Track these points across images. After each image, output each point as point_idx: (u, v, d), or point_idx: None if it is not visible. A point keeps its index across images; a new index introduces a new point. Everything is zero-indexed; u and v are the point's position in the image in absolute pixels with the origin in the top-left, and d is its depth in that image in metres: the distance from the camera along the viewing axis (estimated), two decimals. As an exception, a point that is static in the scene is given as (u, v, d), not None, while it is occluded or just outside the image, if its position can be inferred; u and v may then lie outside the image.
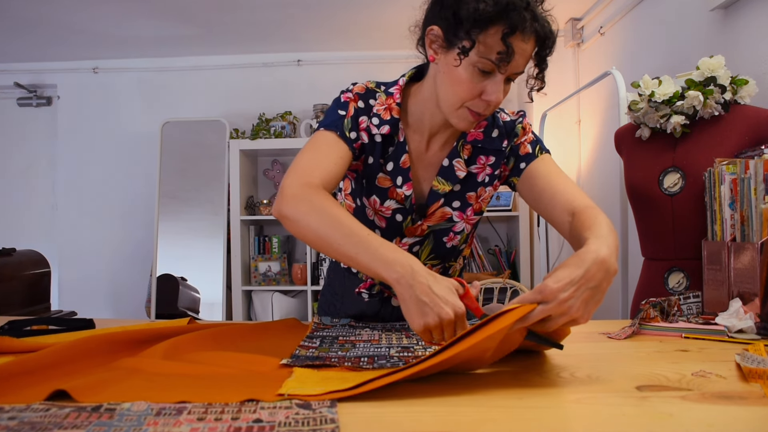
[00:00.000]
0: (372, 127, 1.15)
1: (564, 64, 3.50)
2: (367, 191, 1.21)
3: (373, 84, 1.19)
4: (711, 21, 2.03)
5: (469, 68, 0.99)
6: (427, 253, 1.25)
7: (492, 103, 1.02)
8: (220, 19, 3.25)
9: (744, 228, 1.23)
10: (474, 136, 1.18)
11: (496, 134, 1.19)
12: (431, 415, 0.65)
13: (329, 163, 1.07)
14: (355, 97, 1.16)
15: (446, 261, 1.29)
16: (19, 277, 2.70)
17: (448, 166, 1.18)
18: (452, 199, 1.20)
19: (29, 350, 0.93)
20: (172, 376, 0.79)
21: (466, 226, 1.24)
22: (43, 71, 4.05)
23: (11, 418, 0.61)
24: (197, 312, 3.60)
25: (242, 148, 3.64)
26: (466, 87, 1.01)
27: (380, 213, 1.21)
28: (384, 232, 1.23)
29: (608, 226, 0.96)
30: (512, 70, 1.00)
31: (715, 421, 0.63)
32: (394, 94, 1.16)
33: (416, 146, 1.19)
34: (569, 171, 3.46)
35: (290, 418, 0.62)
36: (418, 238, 1.22)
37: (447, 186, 1.19)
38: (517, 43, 0.97)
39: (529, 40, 0.98)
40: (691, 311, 1.26)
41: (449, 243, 1.24)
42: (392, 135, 1.17)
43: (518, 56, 0.98)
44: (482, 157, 1.20)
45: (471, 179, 1.20)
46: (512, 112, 1.24)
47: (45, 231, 4.11)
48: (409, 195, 1.18)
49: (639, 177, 1.65)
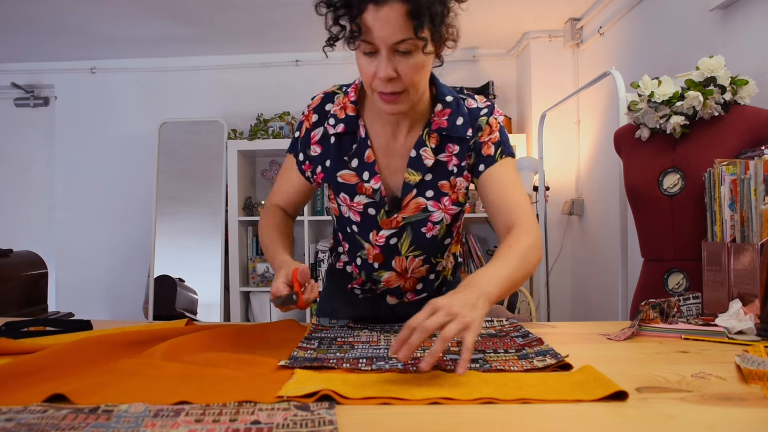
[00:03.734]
0: (329, 128, 1.22)
1: (563, 64, 3.50)
2: (335, 190, 1.25)
3: (336, 87, 1.25)
4: (711, 21, 2.03)
5: (360, 54, 1.03)
6: (407, 245, 1.25)
7: (382, 78, 1.02)
8: (218, 19, 3.24)
9: (744, 229, 1.23)
10: (438, 125, 1.18)
11: (461, 122, 1.19)
12: (430, 416, 0.65)
13: (288, 186, 1.31)
14: (309, 114, 1.24)
15: (431, 254, 1.28)
16: (16, 279, 2.69)
17: (415, 156, 1.18)
18: (425, 189, 1.20)
19: (26, 351, 0.92)
20: (170, 378, 0.79)
21: (444, 216, 1.23)
22: (40, 71, 4.05)
23: (8, 419, 0.61)
24: (195, 313, 3.59)
25: (240, 148, 3.64)
26: (363, 71, 1.05)
27: (353, 208, 1.24)
28: (360, 225, 1.25)
29: (523, 250, 1.03)
30: (387, 41, 0.98)
31: (715, 422, 0.63)
32: (349, 93, 1.21)
33: (383, 139, 1.21)
34: (569, 171, 3.47)
35: (288, 419, 0.62)
36: (394, 230, 1.23)
37: (417, 176, 1.19)
38: (372, 14, 0.97)
39: (384, 5, 0.96)
40: (690, 312, 1.26)
41: (428, 233, 1.24)
42: (352, 132, 1.20)
43: (381, 26, 0.97)
44: (450, 146, 1.19)
45: (441, 168, 1.20)
46: (481, 99, 1.23)
47: (42, 232, 4.10)
48: (377, 188, 1.20)
49: (638, 178, 1.65)
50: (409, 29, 0.97)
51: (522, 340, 1.04)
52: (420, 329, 0.80)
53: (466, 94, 1.23)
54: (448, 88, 1.22)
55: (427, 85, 1.13)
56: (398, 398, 0.70)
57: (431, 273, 1.31)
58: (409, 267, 1.28)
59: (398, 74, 1.02)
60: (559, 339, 1.10)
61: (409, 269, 1.28)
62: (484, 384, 0.75)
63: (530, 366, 0.86)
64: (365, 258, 1.28)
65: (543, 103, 3.37)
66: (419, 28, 0.97)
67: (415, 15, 0.96)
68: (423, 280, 1.31)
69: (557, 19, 3.35)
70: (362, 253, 1.27)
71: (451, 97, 1.20)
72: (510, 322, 1.22)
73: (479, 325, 0.83)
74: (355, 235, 1.27)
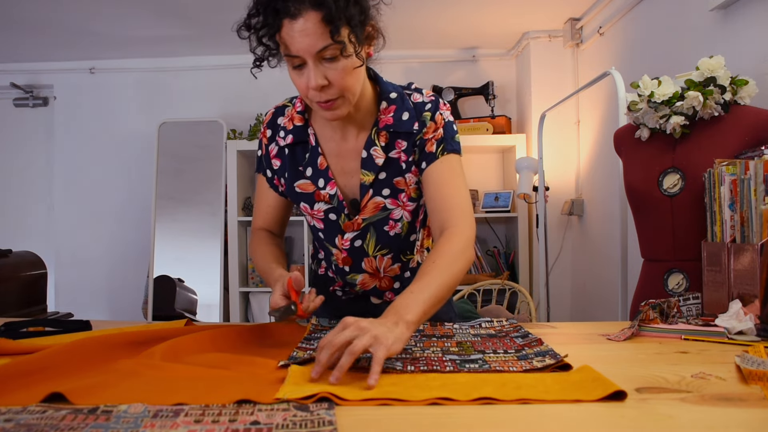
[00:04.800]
0: (280, 140, 1.24)
1: (563, 64, 3.50)
2: (296, 201, 1.27)
3: (287, 100, 1.28)
4: (710, 21, 2.03)
5: (290, 69, 1.06)
6: (373, 245, 1.26)
7: (313, 88, 1.03)
8: (217, 19, 3.24)
9: (744, 229, 1.23)
10: (385, 122, 1.19)
11: (407, 116, 1.19)
12: (429, 416, 0.65)
13: (266, 206, 1.33)
14: (264, 131, 1.28)
15: (398, 252, 1.29)
16: (15, 279, 2.69)
17: (366, 156, 1.19)
18: (381, 188, 1.21)
19: (25, 352, 0.92)
20: (169, 378, 0.79)
21: (404, 213, 1.23)
22: (39, 71, 4.04)
23: (7, 420, 0.61)
24: (194, 313, 3.59)
25: (239, 148, 3.63)
26: (297, 85, 1.07)
27: (315, 216, 1.25)
28: (325, 232, 1.26)
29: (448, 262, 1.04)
30: (309, 51, 0.99)
31: (715, 423, 0.63)
32: (296, 104, 1.24)
33: (334, 144, 1.22)
34: (568, 172, 3.47)
35: (288, 420, 0.62)
36: (356, 232, 1.24)
37: (371, 176, 1.19)
38: (289, 28, 0.98)
39: (299, 17, 0.97)
40: (690, 313, 1.26)
41: (391, 231, 1.25)
42: (303, 142, 1.22)
43: (300, 37, 0.98)
44: (399, 141, 1.20)
45: (393, 165, 1.20)
46: (428, 93, 1.23)
47: (41, 232, 4.10)
48: (333, 194, 1.21)
49: (638, 178, 1.65)
50: (326, 35, 0.98)
51: (522, 341, 1.04)
52: (328, 346, 0.81)
53: (412, 89, 1.23)
54: (392, 84, 1.23)
55: (363, 86, 1.14)
56: (396, 399, 0.70)
57: (405, 270, 1.32)
58: (379, 266, 1.29)
59: (329, 81, 1.03)
60: (558, 339, 1.10)
61: (380, 269, 1.29)
62: (483, 384, 0.75)
63: (529, 366, 0.86)
64: (336, 263, 1.29)
65: (543, 103, 3.37)
66: (335, 33, 0.98)
67: (329, 20, 0.97)
68: (398, 278, 1.32)
69: (557, 19, 3.35)
70: (333, 258, 1.29)
71: (396, 93, 1.20)
72: (510, 323, 1.22)
73: (395, 343, 0.83)
74: (323, 241, 1.29)
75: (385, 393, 0.71)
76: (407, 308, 0.92)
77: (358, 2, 1.02)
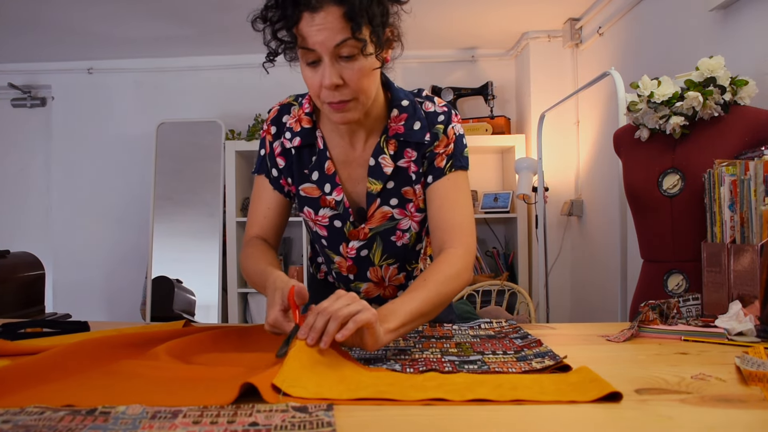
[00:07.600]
0: (286, 142, 1.19)
1: (562, 64, 3.50)
2: (299, 204, 1.23)
3: (292, 98, 1.23)
4: (710, 21, 2.03)
5: (304, 66, 1.02)
6: (379, 255, 1.24)
7: (327, 86, 1.00)
8: (215, 20, 3.24)
9: (744, 230, 1.23)
10: (395, 130, 1.15)
11: (418, 126, 1.15)
12: (428, 417, 0.65)
13: (265, 210, 1.24)
14: (268, 128, 1.22)
15: (405, 262, 1.27)
16: (13, 280, 2.68)
17: (374, 164, 1.16)
18: (388, 198, 1.18)
19: (23, 353, 0.92)
20: (168, 379, 0.79)
21: (412, 223, 1.21)
22: (37, 72, 4.04)
23: (5, 421, 0.60)
24: (193, 315, 3.58)
25: (238, 149, 3.63)
26: (309, 83, 1.03)
27: (318, 223, 1.22)
28: (328, 239, 1.23)
29: (440, 282, 1.02)
30: (327, 45, 0.96)
31: (715, 424, 0.62)
32: (303, 105, 1.19)
33: (341, 149, 1.18)
34: (568, 172, 3.47)
35: (286, 421, 0.62)
36: (363, 241, 1.21)
37: (378, 185, 1.16)
38: (309, 21, 0.95)
39: (320, 10, 0.94)
40: (690, 314, 1.26)
41: (398, 242, 1.23)
42: (309, 144, 1.18)
43: (319, 31, 0.95)
44: (408, 151, 1.17)
45: (402, 174, 1.17)
46: (440, 102, 1.19)
47: (39, 233, 4.09)
48: (340, 200, 1.18)
49: (638, 178, 1.65)
50: (346, 30, 0.95)
51: (521, 342, 1.04)
52: (323, 313, 0.83)
53: (424, 96, 1.20)
54: (404, 91, 1.19)
55: (377, 91, 1.10)
56: (393, 399, 0.70)
57: (409, 279, 1.30)
58: (385, 276, 1.27)
59: (344, 81, 1.00)
60: (558, 340, 1.10)
61: (385, 278, 1.27)
62: (479, 385, 0.75)
63: (529, 368, 0.85)
64: (339, 271, 1.27)
65: (542, 104, 3.37)
66: (357, 29, 0.95)
67: (351, 16, 0.94)
68: (402, 287, 1.31)
69: (556, 19, 3.35)
70: (334, 266, 1.27)
71: (407, 101, 1.16)
72: (509, 324, 1.21)
73: (377, 318, 0.86)
74: (326, 249, 1.26)
75: (381, 393, 0.71)
76: (393, 313, 0.93)
77: (381, 2, 0.99)
